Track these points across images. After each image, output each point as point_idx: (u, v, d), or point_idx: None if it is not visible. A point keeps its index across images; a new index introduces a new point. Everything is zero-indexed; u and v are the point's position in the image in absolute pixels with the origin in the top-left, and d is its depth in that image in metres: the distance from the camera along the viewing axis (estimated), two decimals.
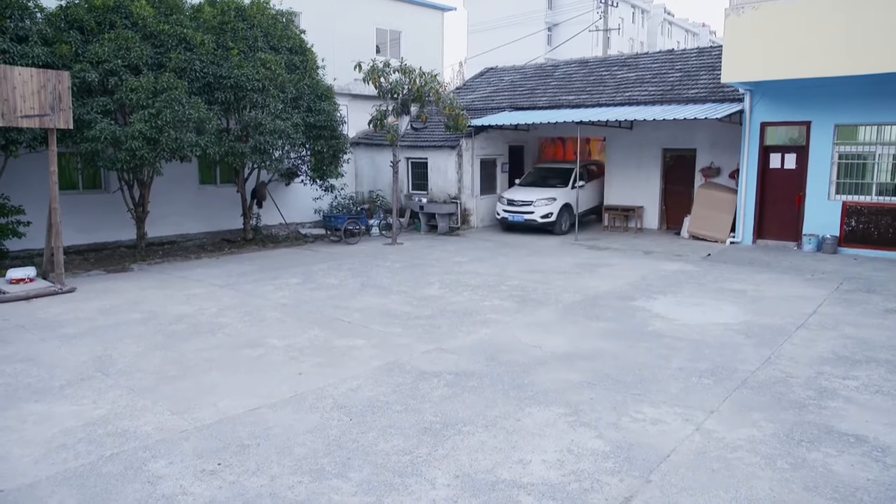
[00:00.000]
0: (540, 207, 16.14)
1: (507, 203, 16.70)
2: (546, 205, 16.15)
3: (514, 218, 16.48)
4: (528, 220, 16.30)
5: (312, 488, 4.35)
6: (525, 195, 16.57)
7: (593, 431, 5.23)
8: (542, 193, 16.40)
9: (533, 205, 16.18)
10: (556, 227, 16.31)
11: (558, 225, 16.34)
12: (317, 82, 15.15)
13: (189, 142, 11.72)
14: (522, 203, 16.39)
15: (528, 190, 16.92)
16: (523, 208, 16.33)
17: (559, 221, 16.33)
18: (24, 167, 11.99)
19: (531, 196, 16.42)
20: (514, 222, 16.63)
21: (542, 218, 16.11)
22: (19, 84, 9.41)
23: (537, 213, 16.12)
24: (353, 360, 7.02)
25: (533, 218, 16.18)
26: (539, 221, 16.14)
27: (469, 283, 10.85)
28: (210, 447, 4.95)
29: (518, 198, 16.55)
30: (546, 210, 16.13)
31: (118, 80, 11.45)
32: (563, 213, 16.41)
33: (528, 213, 16.19)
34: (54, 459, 4.76)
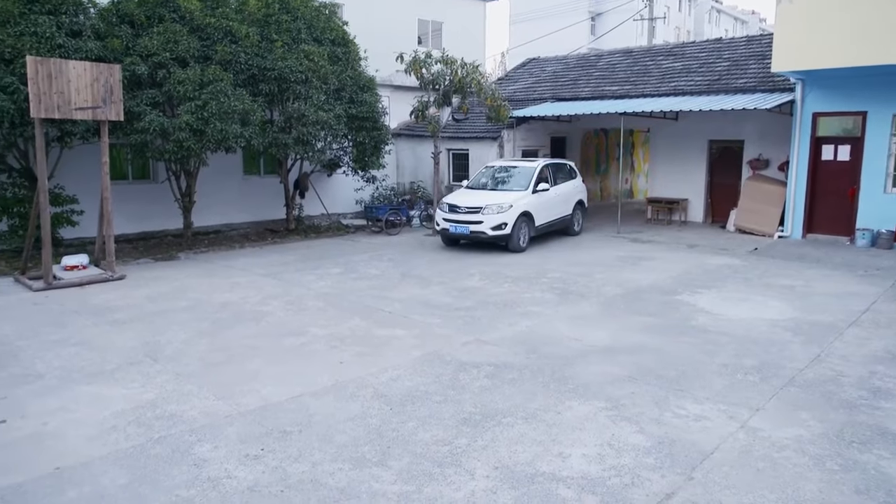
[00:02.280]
0: (490, 216, 12.62)
1: (449, 209, 13.15)
2: (499, 213, 12.63)
3: (457, 229, 12.91)
4: (474, 234, 12.73)
5: (353, 475, 4.40)
6: (472, 199, 13.11)
7: (634, 426, 5.17)
8: (495, 198, 13.00)
9: (482, 212, 12.69)
10: (511, 242, 12.79)
11: (514, 239, 12.78)
12: (359, 74, 15.24)
13: (234, 133, 11.92)
14: (468, 210, 12.85)
15: (478, 193, 13.53)
16: (469, 217, 12.80)
17: (515, 235, 12.77)
18: (77, 158, 12.37)
19: (480, 200, 12.93)
20: (456, 235, 13.10)
21: (493, 230, 12.56)
22: (74, 77, 9.69)
23: (487, 223, 12.59)
24: (393, 349, 7.07)
25: (481, 230, 12.64)
26: (489, 234, 12.63)
27: (509, 275, 10.81)
28: (253, 433, 5.04)
29: (463, 203, 13.02)
30: (498, 220, 12.59)
31: (166, 73, 11.71)
32: (522, 225, 12.96)
33: (476, 224, 12.67)
34: (106, 440, 4.92)
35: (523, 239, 13.08)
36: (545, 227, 13.81)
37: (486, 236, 12.69)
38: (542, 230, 13.69)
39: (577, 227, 15.28)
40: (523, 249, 13.02)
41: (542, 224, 13.61)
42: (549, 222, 13.96)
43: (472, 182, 14.42)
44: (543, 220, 13.66)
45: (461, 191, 14.11)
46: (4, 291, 9.63)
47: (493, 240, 12.76)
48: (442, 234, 13.49)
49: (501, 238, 12.71)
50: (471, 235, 12.84)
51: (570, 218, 14.87)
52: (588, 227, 16.59)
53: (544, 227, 13.80)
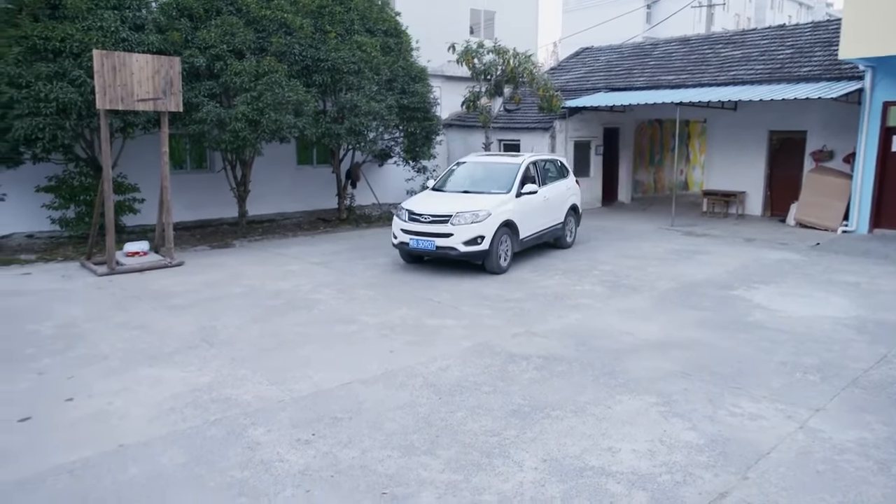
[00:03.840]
0: (462, 228, 9.75)
1: (409, 218, 10.24)
2: (473, 223, 9.76)
3: (419, 244, 10.02)
4: (441, 249, 9.88)
5: (402, 463, 4.45)
6: (439, 205, 10.22)
7: (687, 423, 5.06)
8: (469, 203, 10.14)
9: (451, 222, 9.81)
10: (489, 261, 9.98)
11: (493, 257, 9.96)
12: (411, 64, 15.28)
13: (288, 123, 12.12)
14: (433, 219, 9.95)
15: (447, 197, 10.65)
16: (434, 228, 9.90)
17: (495, 251, 9.96)
18: (138, 148, 12.78)
19: (449, 207, 10.07)
20: (418, 251, 10.25)
21: (465, 245, 9.74)
22: (136, 70, 10.00)
23: (458, 236, 9.74)
24: (442, 339, 7.09)
25: (450, 245, 9.78)
26: (460, 251, 9.77)
27: (559, 267, 10.71)
28: (305, 418, 5.14)
29: (426, 210, 10.13)
30: (472, 232, 9.74)
31: (223, 65, 11.96)
32: (503, 238, 10.17)
33: (443, 237, 9.81)
34: (165, 421, 5.09)
35: (504, 256, 10.29)
36: (532, 239, 11.07)
37: (456, 253, 9.81)
38: (527, 244, 10.95)
39: (570, 237, 12.57)
40: (504, 270, 10.27)
41: (528, 236, 10.85)
42: (536, 233, 11.19)
43: (439, 182, 11.50)
44: (530, 230, 10.89)
45: (425, 193, 11.28)
46: (72, 276, 10.05)
47: (466, 257, 9.92)
48: (400, 250, 10.57)
49: (476, 255, 9.87)
50: (437, 252, 9.95)
51: (562, 227, 12.15)
52: (640, 218, 16.26)
53: (530, 240, 11.04)
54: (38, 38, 10.44)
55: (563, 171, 12.63)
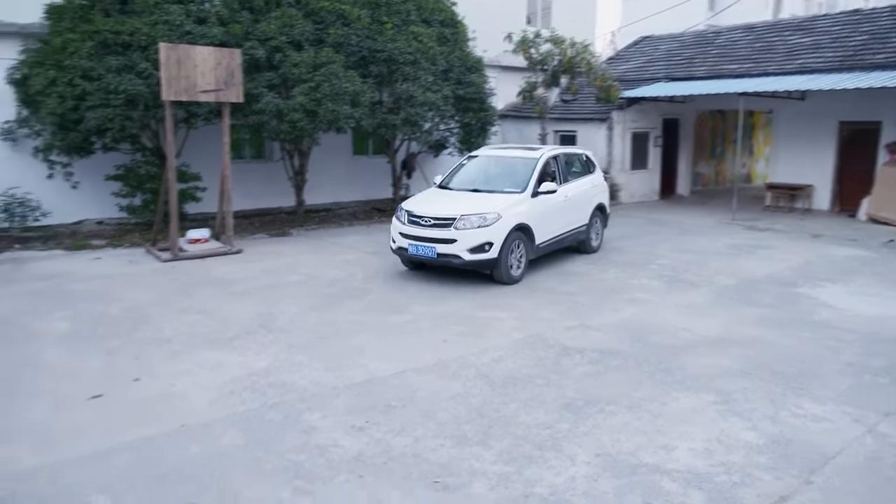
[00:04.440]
0: (467, 232, 8.60)
1: (408, 220, 9.13)
2: (480, 227, 8.63)
3: (419, 250, 8.88)
4: (443, 257, 8.72)
5: (454, 453, 4.47)
6: (442, 206, 9.11)
7: (746, 423, 4.93)
8: (477, 204, 8.99)
9: (454, 226, 8.65)
10: (498, 270, 8.86)
11: (503, 265, 8.81)
12: (467, 54, 15.22)
13: (345, 114, 12.25)
14: (435, 222, 8.82)
15: (453, 197, 9.60)
16: (435, 233, 8.75)
17: (505, 259, 8.81)
18: (201, 138, 13.13)
19: (453, 208, 8.95)
20: (417, 257, 9.09)
21: (470, 252, 8.61)
22: (199, 62, 10.27)
23: (462, 242, 8.59)
24: (495, 331, 7.08)
25: (453, 252, 8.64)
26: (464, 259, 8.65)
27: (615, 261, 10.54)
28: (359, 405, 5.22)
29: (428, 211, 9.01)
30: (479, 237, 8.60)
31: (282, 56, 12.17)
32: (515, 244, 9.00)
33: (445, 243, 8.66)
34: (225, 403, 5.25)
35: (517, 265, 9.10)
36: (550, 244, 9.85)
37: (459, 262, 8.67)
38: (544, 250, 9.72)
39: (596, 241, 11.22)
40: (517, 280, 9.07)
41: (545, 241, 9.63)
42: (555, 238, 9.96)
43: (446, 179, 10.35)
44: (548, 234, 9.67)
45: (430, 192, 10.18)
46: (138, 261, 10.44)
47: (471, 266, 8.82)
48: (399, 255, 9.46)
49: (484, 264, 8.75)
50: (438, 260, 8.77)
51: (586, 230, 10.84)
52: (699, 211, 15.84)
53: (549, 246, 9.81)
54: (108, 33, 10.83)
55: (589, 167, 11.41)
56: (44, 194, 12.06)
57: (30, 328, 7.09)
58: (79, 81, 10.61)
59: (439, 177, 10.49)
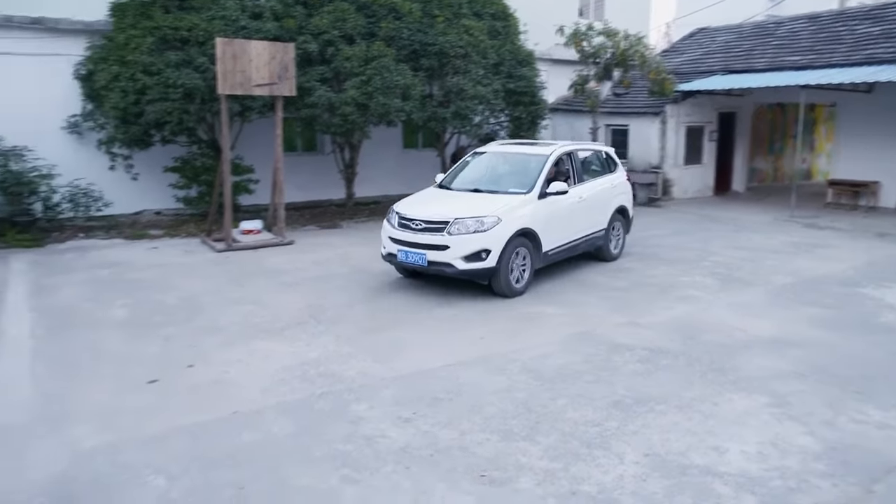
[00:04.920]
0: (461, 238, 7.71)
1: (398, 223, 8.28)
2: (476, 232, 7.72)
3: (409, 257, 8.04)
4: (434, 265, 7.86)
5: (500, 447, 4.46)
6: (436, 208, 8.28)
7: (803, 427, 4.77)
8: (475, 206, 8.10)
9: (447, 231, 7.78)
10: (497, 281, 7.93)
11: (502, 276, 7.88)
12: (518, 48, 15.10)
13: (395, 107, 12.32)
14: (426, 226, 7.97)
15: (451, 197, 8.74)
16: (427, 238, 7.89)
17: (505, 268, 7.89)
18: (254, 131, 13.40)
19: (447, 210, 8.08)
20: (408, 265, 8.27)
21: (465, 261, 7.71)
22: (254, 56, 10.47)
23: (456, 248, 7.70)
24: (543, 326, 7.04)
25: (445, 260, 7.75)
26: (458, 268, 7.74)
27: (667, 257, 10.33)
28: (406, 396, 5.26)
29: (420, 214, 8.16)
30: (475, 244, 7.70)
31: (335, 50, 12.30)
32: (518, 252, 8.07)
33: (437, 250, 7.78)
34: (275, 392, 5.36)
35: (521, 275, 8.17)
36: (560, 252, 8.88)
37: (452, 271, 7.75)
38: (553, 258, 8.79)
39: (616, 248, 10.19)
40: (520, 292, 8.13)
41: (554, 248, 8.69)
42: (567, 244, 8.98)
43: (448, 177, 9.47)
44: (557, 241, 8.73)
45: (427, 192, 9.32)
46: (194, 251, 10.73)
47: (466, 276, 7.91)
48: (388, 261, 8.55)
49: (480, 273, 7.84)
50: (429, 268, 7.92)
51: (604, 235, 9.78)
52: (755, 208, 15.38)
53: (558, 253, 8.86)
54: (168, 29, 11.14)
55: (609, 165, 10.38)
56: (106, 185, 12.49)
57: (92, 314, 7.37)
58: (140, 76, 10.94)
59: (441, 175, 9.68)
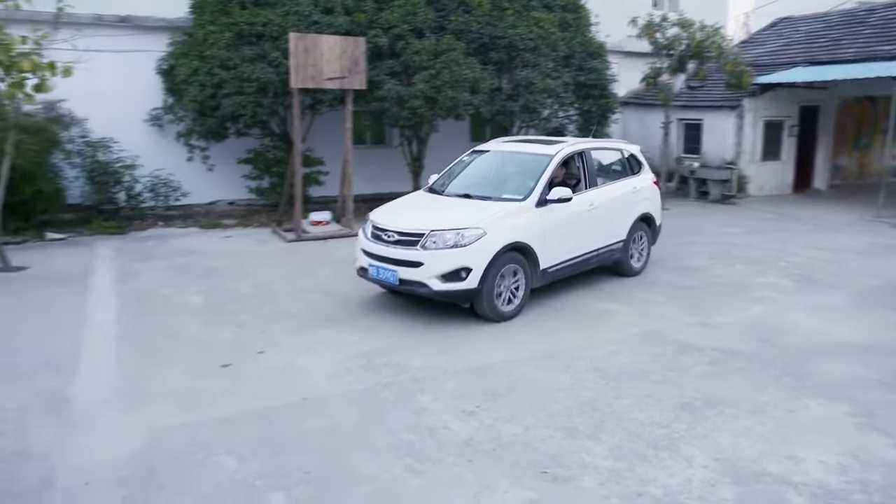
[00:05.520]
0: (437, 254, 6.62)
1: (372, 234, 7.23)
2: (455, 247, 6.61)
3: (380, 274, 6.98)
4: (406, 283, 6.81)
5: (564, 445, 4.41)
6: (414, 217, 7.26)
7: (889, 439, 4.52)
8: (457, 215, 7.03)
9: (421, 244, 6.69)
10: (481, 303, 6.80)
11: (486, 298, 6.74)
12: (589, 40, 14.84)
13: (464, 101, 12.33)
14: (399, 238, 6.89)
15: (436, 204, 7.63)
16: (400, 251, 6.82)
17: (489, 290, 6.73)
18: (324, 124, 13.65)
19: (425, 220, 6.99)
20: (379, 282, 7.22)
21: (442, 279, 6.60)
22: (326, 50, 10.66)
23: (431, 265, 6.61)
24: (610, 324, 6.92)
25: (417, 279, 6.69)
26: (434, 288, 6.64)
27: (741, 256, 9.97)
28: (469, 389, 5.26)
29: (393, 224, 7.07)
30: (452, 262, 6.59)
31: (404, 44, 12.39)
32: (508, 269, 6.94)
33: (409, 266, 6.71)
34: (342, 380, 5.47)
35: (509, 296, 6.99)
36: (564, 268, 7.66)
37: (427, 291, 6.67)
38: (555, 275, 7.57)
39: (638, 261, 8.91)
40: (510, 316, 6.96)
41: (556, 264, 7.49)
42: (573, 259, 7.76)
43: (440, 180, 8.33)
44: (560, 256, 7.53)
45: (412, 197, 8.48)
46: (265, 241, 11.05)
47: (444, 298, 6.82)
48: (360, 275, 7.42)
49: (459, 295, 6.74)
50: (401, 287, 6.93)
51: (623, 247, 8.53)
52: (838, 207, 14.63)
53: (561, 270, 7.63)
54: (244, 24, 11.48)
55: (631, 166, 9.02)
56: (183, 176, 12.99)
57: (171, 300, 7.69)
58: (217, 71, 11.32)
59: (434, 176, 8.49)
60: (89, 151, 12.04)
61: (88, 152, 12.05)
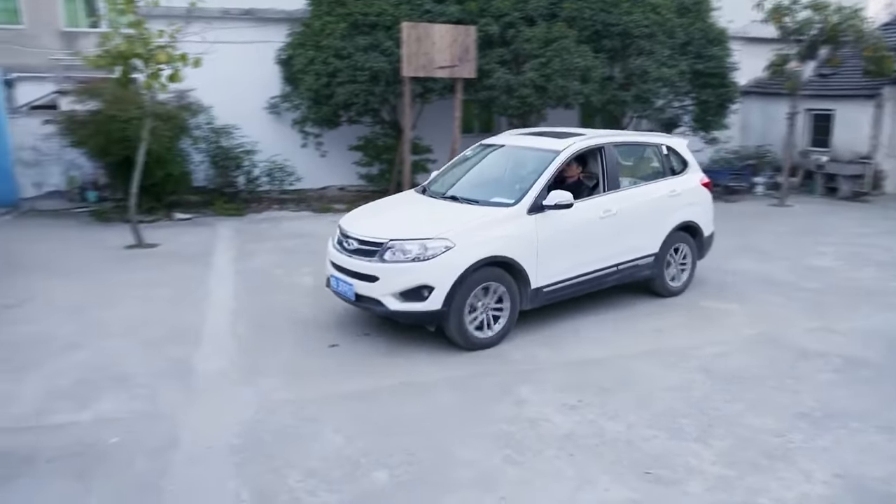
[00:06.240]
0: (395, 269, 5.62)
1: (338, 241, 6.29)
2: (415, 260, 5.58)
3: (340, 286, 6.08)
4: (363, 300, 5.84)
5: (669, 446, 4.26)
6: (379, 222, 6.32)
7: None
8: (425, 223, 6.07)
9: (379, 255, 5.71)
10: (448, 327, 5.71)
11: (453, 321, 5.65)
12: (709, 26, 14.11)
13: (574, 90, 12.09)
14: (359, 247, 5.92)
15: (412, 207, 6.75)
16: (358, 262, 5.86)
17: (458, 312, 5.64)
18: (432, 112, 13.80)
19: (388, 227, 6.06)
20: (339, 294, 6.20)
21: (401, 298, 5.61)
22: (437, 39, 10.76)
23: (388, 281, 5.62)
24: (722, 323, 6.60)
25: (374, 295, 5.70)
26: (390, 308, 5.65)
27: (874, 259, 9.20)
28: (571, 383, 5.18)
29: (357, 230, 6.10)
30: (411, 278, 5.58)
31: (515, 32, 12.28)
32: (485, 288, 5.83)
33: (366, 279, 5.74)
34: (445, 364, 5.54)
35: (491, 320, 5.92)
36: (568, 287, 6.43)
37: (383, 310, 5.74)
38: (554, 296, 6.36)
39: (678, 280, 7.51)
40: (487, 344, 5.87)
41: (555, 283, 6.27)
42: (581, 277, 6.50)
43: (436, 178, 7.25)
44: (561, 272, 6.30)
45: (396, 198, 7.51)
46: None
47: (404, 319, 5.85)
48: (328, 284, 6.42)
49: (421, 317, 5.71)
50: (359, 304, 5.95)
51: (655, 262, 7.14)
52: None
53: (564, 289, 6.41)
54: (359, 14, 11.78)
55: (672, 164, 7.55)
56: (298, 161, 13.54)
57: (282, 280, 8.06)
58: (332, 60, 11.69)
59: (436, 172, 7.48)
60: (213, 137, 12.81)
61: (213, 138, 12.81)
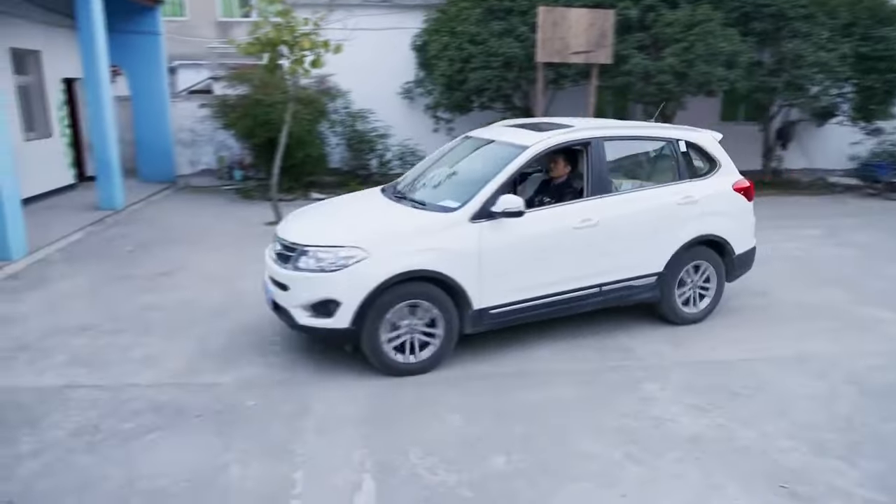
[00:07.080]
0: (303, 278, 4.95)
1: (276, 251, 5.45)
2: (322, 271, 4.87)
3: (266, 291, 5.49)
4: (278, 310, 5.29)
5: (809, 461, 3.94)
6: (304, 226, 5.53)
7: None
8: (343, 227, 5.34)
9: (293, 262, 5.06)
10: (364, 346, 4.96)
11: (368, 342, 4.90)
12: (880, 4, 12.79)
13: (718, 76, 11.41)
14: (280, 251, 5.30)
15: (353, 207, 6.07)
16: (277, 269, 5.21)
17: (371, 332, 4.86)
18: (565, 99, 13.54)
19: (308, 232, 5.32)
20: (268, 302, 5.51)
21: (309, 312, 4.92)
22: (573, 23, 10.51)
23: (296, 293, 4.98)
24: (875, 332, 6.01)
25: (284, 305, 5.13)
26: (300, 322, 4.99)
27: None
28: (699, 384, 4.93)
29: (286, 233, 5.43)
30: (316, 291, 4.89)
31: (655, 16, 11.76)
32: (410, 307, 4.97)
33: (281, 288, 5.12)
34: (568, 356, 5.46)
35: (416, 344, 5.10)
36: (524, 310, 5.41)
37: (292, 323, 5.13)
38: (507, 319, 5.38)
39: (692, 305, 6.22)
40: (416, 370, 5.08)
41: (505, 305, 5.29)
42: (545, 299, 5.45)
43: (409, 174, 6.57)
44: (515, 293, 5.31)
45: (348, 197, 6.72)
46: None
47: (314, 335, 5.37)
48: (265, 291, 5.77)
49: (330, 335, 5.10)
50: (278, 314, 5.35)
51: (658, 282, 5.92)
52: None
53: (519, 312, 5.39)
54: (494, 0, 11.75)
55: (690, 166, 6.17)
56: (429, 146, 13.71)
57: None
58: (466, 45, 11.76)
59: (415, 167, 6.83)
60: (350, 121, 13.33)
61: (349, 122, 13.34)
